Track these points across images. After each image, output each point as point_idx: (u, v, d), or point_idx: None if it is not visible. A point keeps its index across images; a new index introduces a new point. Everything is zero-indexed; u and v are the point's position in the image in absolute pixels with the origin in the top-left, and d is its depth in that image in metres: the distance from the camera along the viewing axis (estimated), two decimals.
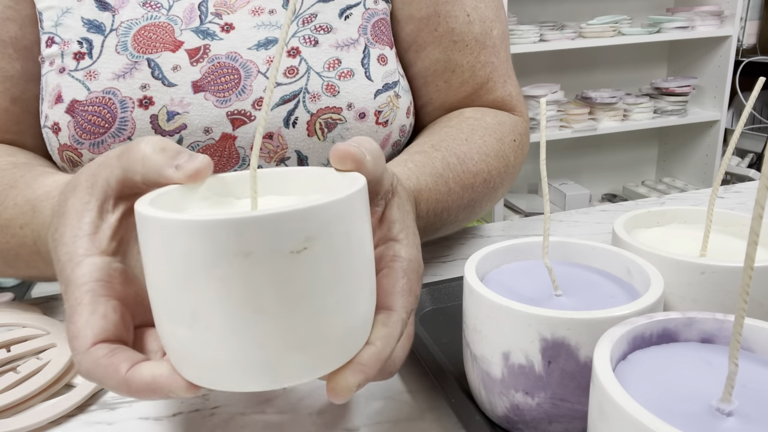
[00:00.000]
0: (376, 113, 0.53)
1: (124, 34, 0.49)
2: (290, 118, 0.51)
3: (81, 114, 0.48)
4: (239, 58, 0.50)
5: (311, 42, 0.51)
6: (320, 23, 0.52)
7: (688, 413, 0.22)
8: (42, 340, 0.41)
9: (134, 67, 0.49)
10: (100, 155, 0.31)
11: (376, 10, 0.54)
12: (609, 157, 2.71)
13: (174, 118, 0.49)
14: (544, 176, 0.32)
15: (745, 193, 0.71)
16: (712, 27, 2.26)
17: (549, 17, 2.35)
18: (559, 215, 0.67)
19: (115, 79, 0.49)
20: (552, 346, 0.28)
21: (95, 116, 0.48)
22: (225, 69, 0.50)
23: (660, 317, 0.26)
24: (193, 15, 0.51)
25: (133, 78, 0.49)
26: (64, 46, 0.49)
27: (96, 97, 0.48)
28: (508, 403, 0.30)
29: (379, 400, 0.36)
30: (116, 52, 0.49)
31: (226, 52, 0.50)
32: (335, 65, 0.51)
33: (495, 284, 0.33)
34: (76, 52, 0.49)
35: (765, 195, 0.19)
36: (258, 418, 0.35)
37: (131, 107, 0.49)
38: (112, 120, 0.48)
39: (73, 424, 0.36)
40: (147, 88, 0.49)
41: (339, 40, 0.52)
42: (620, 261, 0.34)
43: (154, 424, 0.35)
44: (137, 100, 0.49)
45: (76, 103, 0.48)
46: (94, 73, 0.49)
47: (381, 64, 0.53)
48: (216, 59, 0.50)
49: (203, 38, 0.50)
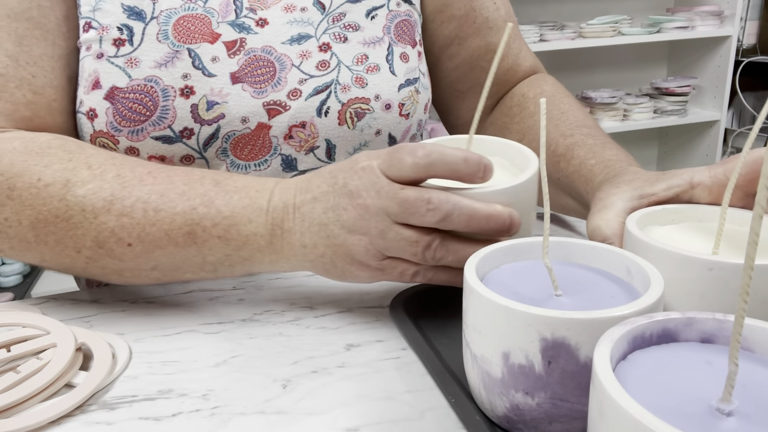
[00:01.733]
0: (400, 105, 0.57)
1: (165, 22, 0.50)
2: (323, 107, 0.54)
3: (121, 101, 0.49)
4: (274, 52, 0.53)
5: (341, 38, 0.55)
6: (349, 22, 0.56)
7: (688, 413, 0.22)
8: (42, 340, 0.41)
9: (175, 56, 0.50)
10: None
11: (398, 11, 0.59)
12: None
13: (213, 108, 0.51)
14: (544, 176, 0.32)
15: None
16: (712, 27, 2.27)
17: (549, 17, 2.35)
18: (559, 215, 0.67)
19: (156, 67, 0.49)
20: (552, 346, 0.28)
21: (136, 104, 0.49)
22: (261, 62, 0.52)
23: (660, 317, 0.26)
24: (228, 9, 0.52)
25: (175, 67, 0.50)
26: (103, 31, 0.49)
27: (137, 84, 0.49)
28: (508, 403, 0.30)
29: (379, 400, 0.36)
30: (157, 40, 0.50)
31: (261, 46, 0.53)
32: (363, 60, 0.55)
33: (495, 284, 0.33)
34: (115, 38, 0.49)
35: (765, 195, 0.19)
36: (258, 418, 0.35)
37: (173, 96, 0.49)
38: (154, 108, 0.49)
39: (73, 424, 0.36)
40: (188, 78, 0.50)
41: (366, 38, 0.56)
42: (620, 261, 0.34)
43: (154, 424, 0.35)
44: (179, 89, 0.50)
45: (116, 89, 0.49)
46: (136, 61, 0.49)
47: (403, 62, 0.58)
48: (252, 52, 0.52)
49: (239, 32, 0.52)
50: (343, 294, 0.50)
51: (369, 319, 0.46)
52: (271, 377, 0.39)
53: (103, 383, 0.38)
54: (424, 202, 0.37)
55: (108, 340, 0.43)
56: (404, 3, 0.60)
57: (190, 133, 0.50)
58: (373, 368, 0.39)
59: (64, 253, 0.44)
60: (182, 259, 0.44)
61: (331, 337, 0.43)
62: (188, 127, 0.50)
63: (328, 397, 0.36)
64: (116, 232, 0.43)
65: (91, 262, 0.45)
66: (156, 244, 0.43)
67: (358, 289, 0.51)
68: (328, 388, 0.37)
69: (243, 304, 0.49)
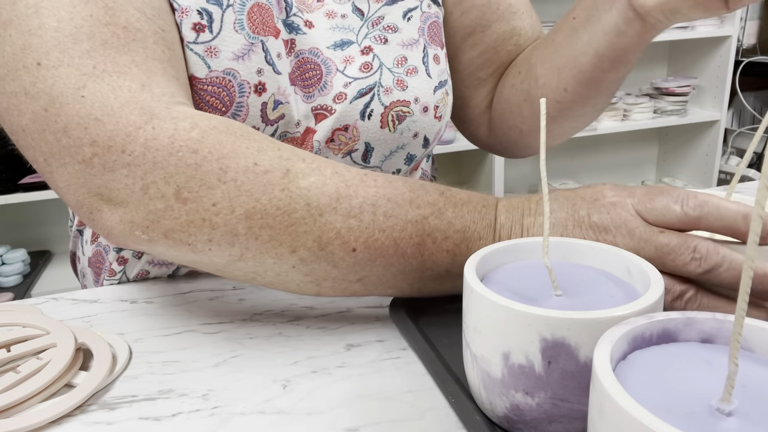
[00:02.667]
0: (435, 108, 0.57)
1: (240, 11, 0.47)
2: (366, 110, 0.53)
3: (199, 92, 0.46)
4: (321, 55, 0.52)
5: (382, 40, 0.55)
6: (387, 24, 0.56)
7: (688, 413, 0.22)
8: (42, 340, 0.41)
9: (251, 48, 0.47)
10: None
11: (430, 13, 0.59)
12: (609, 157, 2.71)
13: (278, 108, 0.49)
14: (544, 176, 0.32)
15: (745, 193, 0.71)
16: (712, 27, 2.27)
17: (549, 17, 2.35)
18: None
19: (235, 59, 0.46)
20: (552, 346, 0.28)
21: (214, 97, 0.46)
22: (309, 64, 0.52)
23: (660, 317, 0.26)
24: (280, 5, 0.51)
25: (251, 60, 0.47)
26: (183, 14, 0.45)
27: (216, 76, 0.46)
28: (508, 403, 0.30)
29: (379, 400, 0.36)
30: (234, 30, 0.46)
31: (309, 48, 0.52)
32: (402, 62, 0.55)
33: (495, 284, 0.33)
34: (196, 22, 0.45)
35: (765, 195, 0.19)
36: (258, 418, 0.35)
37: (248, 92, 0.47)
38: (230, 103, 0.47)
39: (73, 424, 0.36)
40: (261, 74, 0.48)
41: (404, 40, 0.56)
42: (620, 261, 0.34)
43: (154, 424, 0.35)
44: (253, 84, 0.47)
45: (195, 80, 0.46)
46: (215, 50, 0.46)
47: (436, 64, 0.58)
48: (301, 54, 0.51)
49: (290, 32, 0.51)
50: None
51: (369, 319, 0.46)
52: (271, 377, 0.39)
53: (103, 383, 0.38)
54: (689, 250, 0.34)
55: (108, 340, 0.43)
56: (434, 4, 0.60)
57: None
58: (373, 368, 0.39)
59: (274, 251, 0.38)
60: (399, 272, 0.40)
61: (331, 337, 0.43)
62: (255, 126, 0.49)
63: (328, 397, 0.37)
64: (342, 234, 0.38)
65: (300, 266, 0.39)
66: (381, 252, 0.39)
67: None
68: (328, 388, 0.37)
69: (243, 304, 0.49)
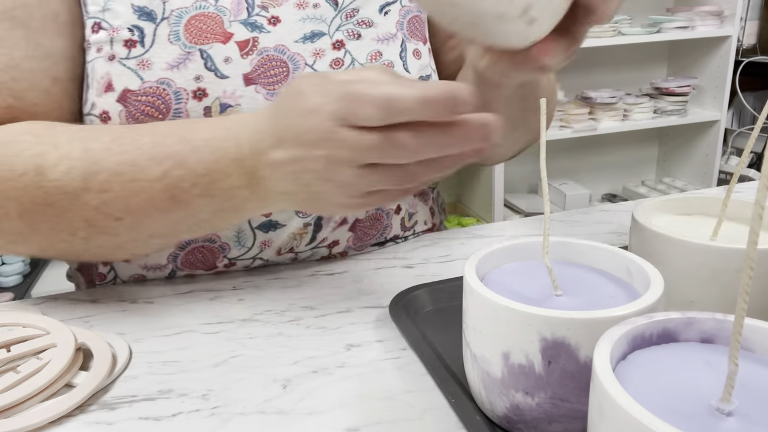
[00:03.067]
0: None
1: (176, 23, 0.49)
2: None
3: (133, 104, 0.48)
4: (287, 51, 0.52)
5: (354, 35, 0.54)
6: (362, 18, 0.55)
7: (688, 413, 0.22)
8: (42, 340, 0.41)
9: (187, 57, 0.49)
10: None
11: (410, 7, 0.58)
12: (609, 157, 2.70)
13: (226, 111, 0.50)
14: (544, 176, 0.32)
15: (745, 193, 0.71)
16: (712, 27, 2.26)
17: None
18: (559, 215, 0.67)
19: (169, 69, 0.48)
20: (552, 346, 0.28)
21: (149, 106, 0.48)
22: (274, 62, 0.51)
23: (660, 317, 0.26)
24: (240, 7, 0.51)
25: (187, 69, 0.49)
26: (114, 32, 0.48)
27: (150, 87, 0.48)
28: (508, 403, 0.30)
29: (379, 400, 0.36)
30: (169, 41, 0.49)
31: (274, 45, 0.51)
32: (377, 57, 0.55)
33: (495, 284, 0.33)
34: (126, 39, 0.48)
35: (765, 195, 0.19)
36: (258, 418, 0.35)
37: (185, 98, 0.49)
38: (166, 111, 0.48)
39: (73, 424, 0.36)
40: (200, 80, 0.49)
41: (379, 34, 0.55)
42: (620, 261, 0.34)
43: (154, 424, 0.35)
44: (191, 91, 0.49)
45: (129, 92, 0.48)
46: (147, 63, 0.48)
47: (416, 58, 0.57)
48: (265, 52, 0.51)
49: (252, 30, 0.51)
50: (343, 294, 0.50)
51: (369, 319, 0.46)
52: (271, 377, 0.39)
53: (103, 383, 0.38)
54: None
55: (108, 340, 0.43)
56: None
57: None
58: (373, 368, 0.39)
59: (60, 237, 0.44)
60: (174, 222, 0.44)
61: (331, 337, 0.43)
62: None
63: (328, 397, 0.36)
64: (101, 209, 0.43)
65: (88, 242, 0.45)
66: (144, 213, 0.43)
67: (358, 289, 0.51)
68: (328, 388, 0.37)
69: (243, 304, 0.49)
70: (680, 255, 0.36)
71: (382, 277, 0.53)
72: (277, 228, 0.53)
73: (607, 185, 2.76)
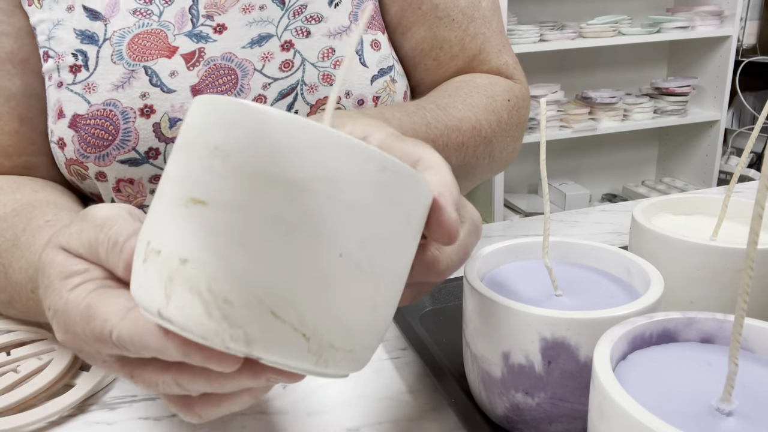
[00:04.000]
0: (374, 99, 0.53)
1: (118, 43, 0.48)
2: (290, 111, 0.51)
3: (83, 128, 0.48)
4: (234, 58, 0.50)
5: (303, 33, 0.51)
6: (311, 13, 0.52)
7: (688, 413, 0.22)
8: (42, 344, 0.41)
9: (132, 75, 0.48)
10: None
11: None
12: (609, 157, 2.70)
13: (176, 125, 0.49)
14: (544, 176, 0.32)
15: (745, 193, 0.71)
16: (712, 27, 2.26)
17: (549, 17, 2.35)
18: (559, 215, 0.67)
19: (114, 89, 0.48)
20: (552, 346, 0.28)
21: (98, 129, 0.48)
22: (222, 70, 0.50)
23: (660, 317, 0.26)
24: (184, 19, 0.50)
25: (132, 87, 0.48)
26: (59, 59, 0.48)
27: (97, 110, 0.48)
28: (508, 403, 0.30)
29: (379, 400, 0.36)
30: (112, 62, 0.48)
31: (221, 54, 0.50)
32: (329, 54, 0.51)
33: (495, 284, 0.33)
34: (71, 65, 0.48)
35: (765, 195, 0.19)
36: (258, 418, 0.35)
37: (133, 117, 0.48)
38: (115, 132, 0.48)
39: (73, 424, 0.36)
40: (147, 97, 0.48)
41: (331, 29, 0.52)
42: (620, 261, 0.34)
43: (154, 424, 0.35)
44: (138, 109, 0.48)
45: (78, 117, 0.48)
46: (93, 86, 0.48)
47: (374, 50, 0.53)
48: (212, 61, 0.49)
49: (197, 42, 0.50)
50: None
51: None
52: None
53: (103, 383, 0.38)
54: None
55: None
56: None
57: (156, 153, 0.49)
58: (373, 368, 0.39)
59: None
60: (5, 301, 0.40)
61: None
62: (153, 147, 0.49)
63: (328, 397, 0.36)
64: None
65: None
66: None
67: None
68: (328, 388, 0.37)
69: None
70: (680, 255, 0.36)
71: None
72: None
73: (607, 185, 2.76)
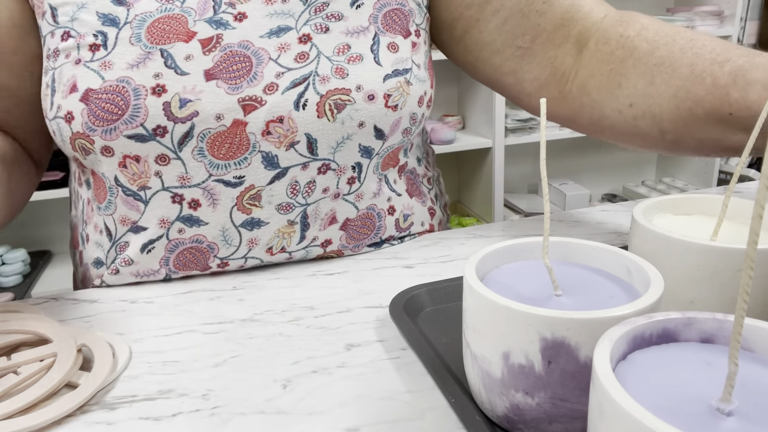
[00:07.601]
0: (386, 96, 0.54)
1: (138, 26, 0.51)
2: (300, 100, 0.52)
3: (94, 101, 0.50)
4: (251, 46, 0.52)
5: (322, 29, 0.53)
6: (332, 11, 0.54)
7: (688, 413, 0.22)
8: (44, 348, 0.41)
9: (147, 57, 0.50)
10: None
11: (388, 1, 0.56)
12: (609, 157, 2.71)
13: (186, 105, 0.50)
14: (544, 176, 0.32)
15: (745, 193, 0.71)
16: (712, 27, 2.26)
17: None
18: (559, 215, 0.67)
19: (128, 68, 0.50)
20: (552, 346, 0.28)
21: (108, 103, 0.49)
22: (237, 57, 0.51)
23: (660, 317, 0.26)
24: (207, 6, 0.52)
25: (147, 68, 0.50)
26: (80, 39, 0.51)
27: (110, 85, 0.50)
28: (508, 403, 0.30)
29: (379, 400, 0.36)
30: (130, 43, 0.50)
31: (238, 41, 0.51)
32: (345, 50, 0.53)
33: (495, 284, 0.33)
34: (91, 44, 0.51)
35: (765, 195, 0.19)
36: (258, 418, 0.35)
37: (144, 95, 0.50)
38: (125, 107, 0.49)
39: (73, 424, 0.36)
40: (160, 77, 0.50)
41: (349, 28, 0.54)
42: (620, 261, 0.34)
43: (154, 424, 0.35)
44: (150, 88, 0.50)
45: (91, 91, 0.50)
46: (109, 64, 0.50)
47: (391, 51, 0.55)
48: (228, 48, 0.51)
49: (216, 28, 0.51)
50: (343, 294, 0.50)
51: (369, 319, 0.46)
52: (271, 377, 0.39)
53: (103, 383, 0.38)
54: None
55: (108, 340, 0.43)
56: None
57: (164, 131, 0.50)
58: (373, 368, 0.39)
59: None
60: None
61: (331, 337, 0.43)
62: (161, 125, 0.50)
63: (328, 397, 0.37)
64: None
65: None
66: None
67: (358, 289, 0.51)
68: (328, 388, 0.37)
69: (243, 304, 0.49)
70: (680, 255, 0.36)
71: (382, 277, 0.53)
72: (261, 226, 0.53)
73: (607, 185, 2.76)
